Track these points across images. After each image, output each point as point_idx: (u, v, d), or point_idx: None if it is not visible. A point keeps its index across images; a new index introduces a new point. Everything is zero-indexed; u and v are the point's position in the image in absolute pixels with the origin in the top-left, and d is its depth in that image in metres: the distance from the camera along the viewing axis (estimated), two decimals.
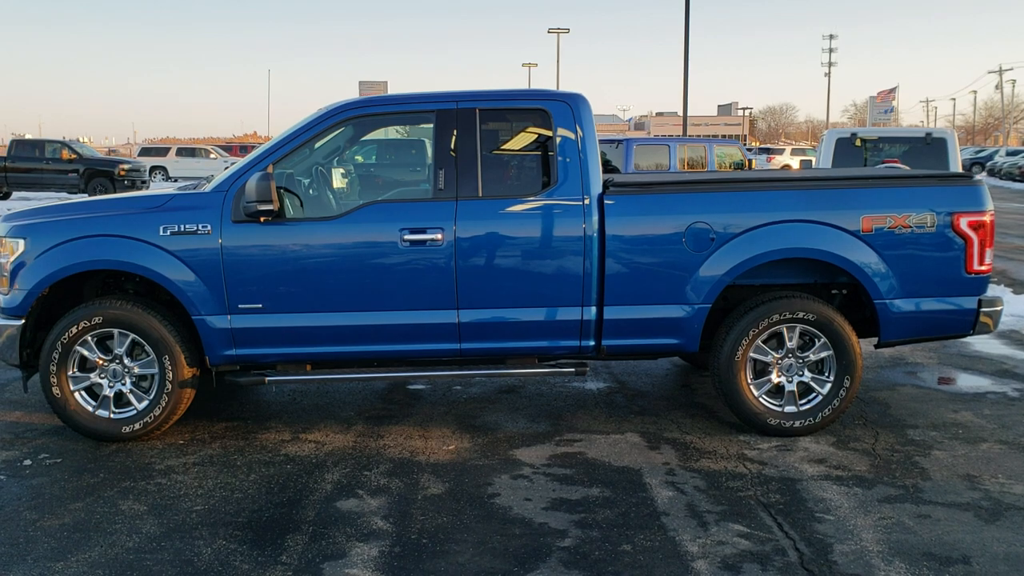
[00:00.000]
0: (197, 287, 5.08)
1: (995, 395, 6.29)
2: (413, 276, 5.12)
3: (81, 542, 3.95)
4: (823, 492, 4.47)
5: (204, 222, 5.08)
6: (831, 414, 5.28)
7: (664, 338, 5.29)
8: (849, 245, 5.16)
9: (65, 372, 5.15)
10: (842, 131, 12.77)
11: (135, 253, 5.08)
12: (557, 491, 4.51)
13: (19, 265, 5.14)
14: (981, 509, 4.26)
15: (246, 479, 4.70)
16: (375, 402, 6.16)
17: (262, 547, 3.90)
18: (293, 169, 5.34)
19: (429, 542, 3.94)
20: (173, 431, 5.46)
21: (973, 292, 5.30)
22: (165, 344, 5.14)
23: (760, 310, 5.22)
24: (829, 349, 5.26)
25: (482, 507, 4.33)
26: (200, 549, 3.88)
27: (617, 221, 5.15)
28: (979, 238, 5.21)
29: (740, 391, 5.26)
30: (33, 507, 4.35)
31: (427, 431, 5.50)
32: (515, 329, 5.23)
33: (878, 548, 3.84)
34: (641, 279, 5.19)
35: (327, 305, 5.14)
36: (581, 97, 5.36)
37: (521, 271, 5.16)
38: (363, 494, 4.49)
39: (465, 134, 5.22)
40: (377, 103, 5.45)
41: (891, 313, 5.24)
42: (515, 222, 5.16)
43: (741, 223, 5.16)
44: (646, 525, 4.10)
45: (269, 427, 5.60)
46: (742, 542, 3.91)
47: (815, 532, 4.01)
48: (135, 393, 5.25)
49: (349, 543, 3.93)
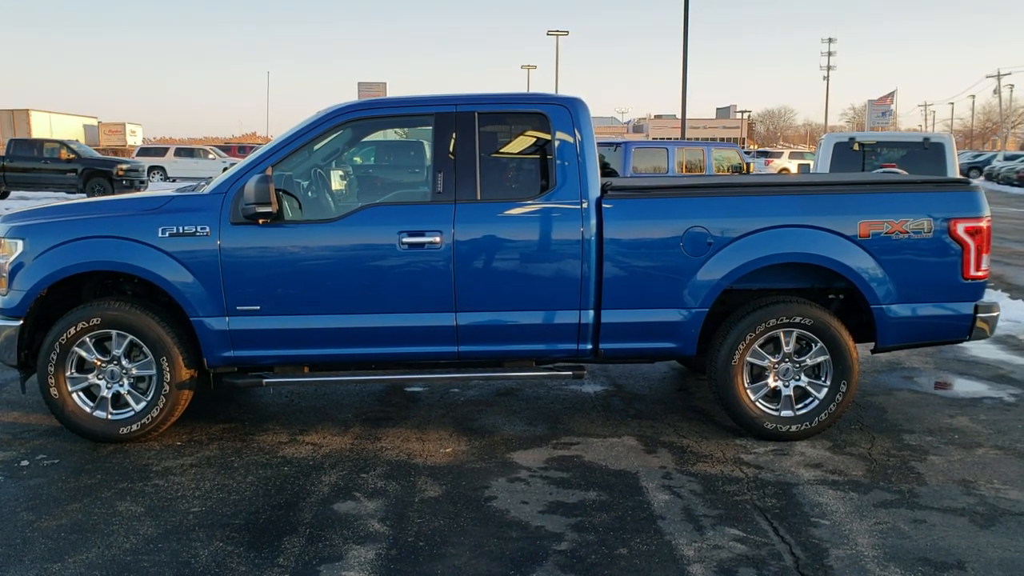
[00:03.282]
0: (195, 289, 5.09)
1: (992, 400, 6.30)
2: (411, 279, 5.13)
3: (78, 543, 3.96)
4: (819, 496, 4.49)
5: (203, 224, 5.09)
6: (827, 419, 5.29)
7: (661, 342, 5.30)
8: (846, 250, 5.17)
9: (63, 373, 5.16)
10: (840, 135, 12.79)
11: (134, 255, 5.09)
12: (554, 494, 4.52)
13: (17, 266, 5.15)
14: (976, 514, 4.27)
15: (243, 481, 4.71)
16: (373, 404, 6.17)
17: (259, 549, 3.91)
18: (292, 171, 5.35)
19: (426, 545, 3.95)
20: (171, 432, 5.47)
21: (970, 298, 5.32)
22: (163, 345, 5.14)
23: (757, 314, 5.23)
24: (826, 354, 5.27)
25: (479, 510, 4.33)
26: (197, 551, 3.89)
27: (615, 225, 5.16)
28: (976, 244, 5.22)
29: (737, 395, 5.28)
30: (30, 508, 4.35)
31: (424, 434, 5.51)
32: (513, 332, 5.24)
33: (873, 553, 3.86)
34: (639, 283, 5.20)
35: (325, 307, 5.15)
36: (579, 101, 5.38)
37: (519, 274, 5.17)
38: (360, 496, 4.50)
39: (464, 137, 5.23)
40: (376, 106, 5.45)
41: (888, 318, 5.26)
42: (513, 225, 5.17)
43: (738, 228, 5.17)
44: (642, 529, 4.11)
45: (266, 429, 5.60)
46: (738, 546, 3.92)
47: (811, 537, 4.02)
48: (133, 394, 5.26)
49: (346, 545, 3.94)
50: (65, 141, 27.27)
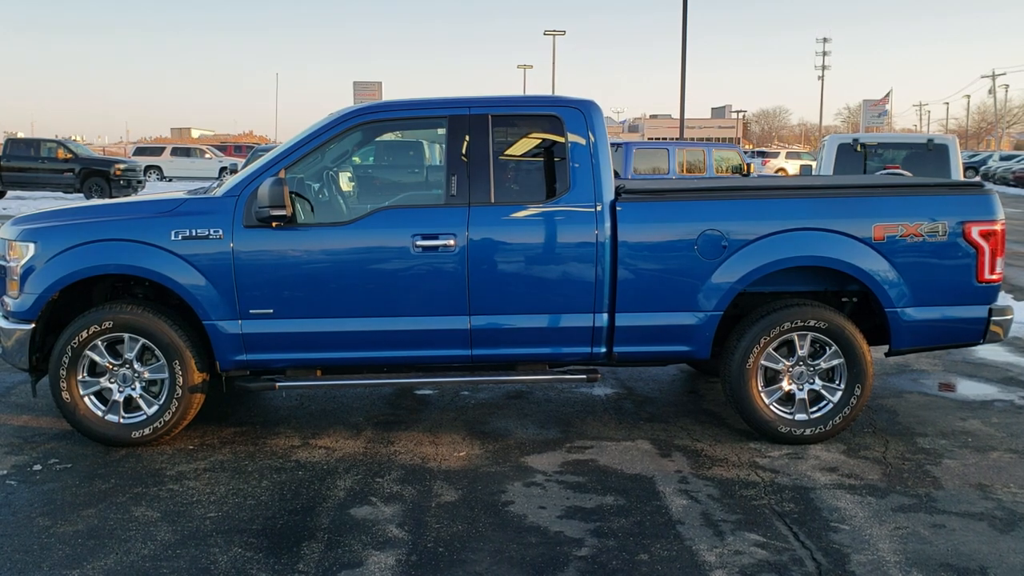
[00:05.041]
0: (208, 292, 5.06)
1: (1002, 403, 6.30)
2: (425, 282, 5.11)
3: (96, 549, 3.93)
4: (837, 501, 4.48)
5: (216, 227, 5.06)
6: (842, 422, 5.28)
7: (675, 345, 5.29)
8: (861, 253, 5.16)
9: (75, 376, 5.13)
10: (844, 137, 12.78)
11: (146, 257, 5.06)
12: (571, 499, 4.50)
13: (29, 269, 5.11)
14: (995, 519, 4.26)
15: (258, 485, 4.69)
16: (383, 407, 6.15)
17: (278, 555, 3.88)
18: (304, 174, 5.32)
19: (446, 551, 3.93)
20: (182, 436, 5.44)
21: (984, 301, 5.32)
22: (175, 349, 5.12)
23: (771, 318, 5.22)
24: (840, 357, 5.26)
25: (497, 515, 4.32)
26: (216, 557, 3.86)
27: (629, 228, 5.15)
28: (990, 247, 5.23)
29: (751, 398, 5.27)
30: (46, 513, 4.32)
31: (437, 437, 5.49)
32: (526, 335, 5.22)
33: (895, 559, 3.85)
34: (653, 286, 5.18)
35: (338, 311, 5.12)
36: (593, 103, 5.36)
37: (533, 277, 5.15)
38: (376, 501, 4.48)
39: (477, 140, 5.21)
40: (389, 108, 5.42)
41: (902, 321, 5.25)
42: (527, 228, 5.15)
43: (753, 231, 5.16)
44: (662, 534, 4.10)
45: (278, 432, 5.58)
46: (759, 551, 3.91)
47: (831, 542, 4.01)
48: (145, 398, 5.23)
49: (365, 551, 3.92)
50: (63, 140, 27.16)
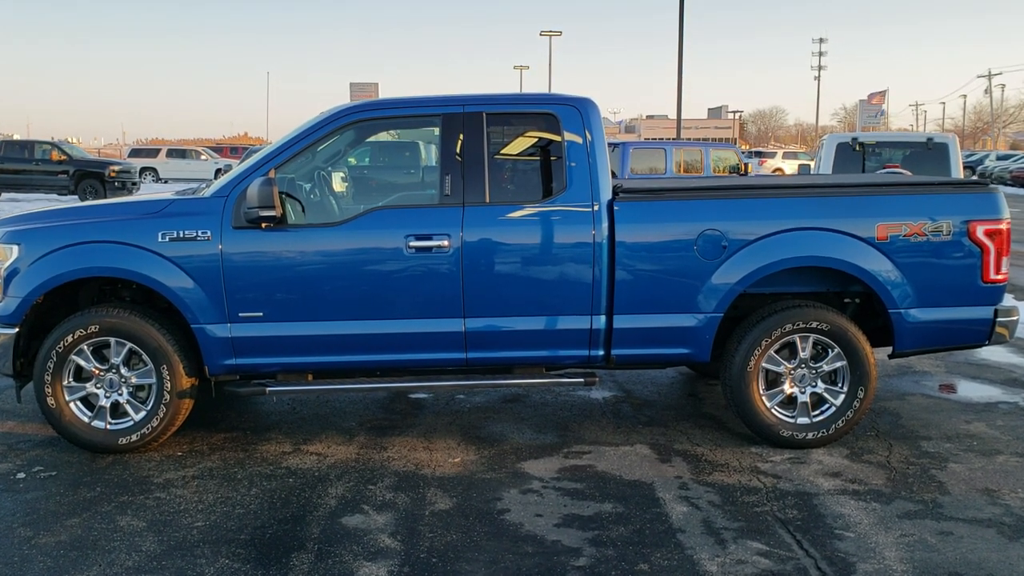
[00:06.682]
0: (196, 295, 4.94)
1: (1007, 405, 6.19)
2: (419, 284, 5.00)
3: (79, 561, 3.81)
4: (841, 507, 4.36)
5: (204, 228, 4.95)
6: (845, 425, 5.17)
7: (675, 347, 5.18)
8: (864, 253, 5.05)
9: (60, 382, 5.00)
10: (843, 136, 12.68)
11: (132, 260, 4.94)
12: (568, 506, 4.39)
13: (13, 272, 4.99)
14: (1004, 525, 4.15)
15: (247, 493, 4.56)
16: (376, 412, 6.03)
17: (266, 566, 3.76)
18: (295, 174, 5.21)
19: (439, 561, 3.81)
20: (171, 442, 5.32)
21: (989, 301, 5.21)
22: (163, 353, 4.99)
23: (773, 319, 5.11)
24: (843, 359, 5.15)
25: (492, 523, 4.20)
26: (202, 568, 3.74)
27: (627, 228, 5.04)
28: (996, 247, 5.11)
29: (752, 402, 5.15)
30: (28, 523, 4.20)
31: (431, 442, 5.37)
32: (523, 338, 5.10)
33: (902, 567, 3.73)
34: (652, 287, 5.07)
35: (330, 313, 5.01)
36: (590, 101, 5.25)
37: (529, 279, 5.04)
38: (368, 509, 4.36)
39: (472, 138, 5.10)
40: (382, 107, 5.31)
41: (906, 323, 5.14)
42: (523, 228, 5.04)
43: (754, 231, 5.05)
44: (662, 543, 3.98)
45: (269, 438, 5.46)
46: (762, 560, 3.80)
47: (836, 550, 3.90)
48: (132, 403, 5.10)
49: (356, 562, 3.80)
50: (57, 142, 27.01)
